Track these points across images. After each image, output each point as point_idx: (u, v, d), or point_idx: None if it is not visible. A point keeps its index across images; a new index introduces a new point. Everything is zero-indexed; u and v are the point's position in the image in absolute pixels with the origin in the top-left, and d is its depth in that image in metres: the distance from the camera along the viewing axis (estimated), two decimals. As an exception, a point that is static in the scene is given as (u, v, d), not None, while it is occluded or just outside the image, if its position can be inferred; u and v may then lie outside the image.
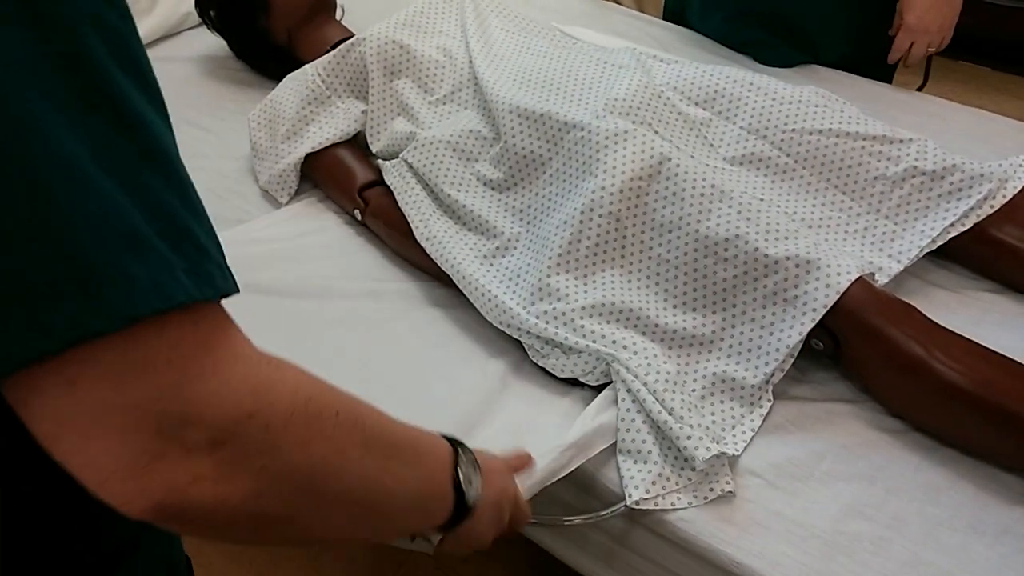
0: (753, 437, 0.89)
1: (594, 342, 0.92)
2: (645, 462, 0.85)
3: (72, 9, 0.33)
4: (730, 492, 0.84)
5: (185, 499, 0.35)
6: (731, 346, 0.94)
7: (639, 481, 0.84)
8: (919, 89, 1.45)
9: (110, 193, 0.33)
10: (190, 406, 0.35)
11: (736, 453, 0.87)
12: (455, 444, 0.59)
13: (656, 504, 0.83)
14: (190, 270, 0.35)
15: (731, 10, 1.44)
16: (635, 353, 0.92)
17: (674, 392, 0.89)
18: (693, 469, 0.84)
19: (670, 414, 0.86)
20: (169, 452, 0.34)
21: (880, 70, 1.42)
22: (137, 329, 0.33)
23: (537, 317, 0.96)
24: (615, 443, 0.88)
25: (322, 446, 0.41)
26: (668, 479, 0.84)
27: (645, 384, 0.88)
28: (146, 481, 0.34)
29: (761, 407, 0.91)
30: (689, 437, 0.84)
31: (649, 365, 0.91)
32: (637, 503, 0.83)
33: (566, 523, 0.88)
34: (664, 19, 1.60)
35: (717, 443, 0.86)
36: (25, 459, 0.38)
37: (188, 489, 0.35)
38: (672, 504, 0.83)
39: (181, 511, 0.35)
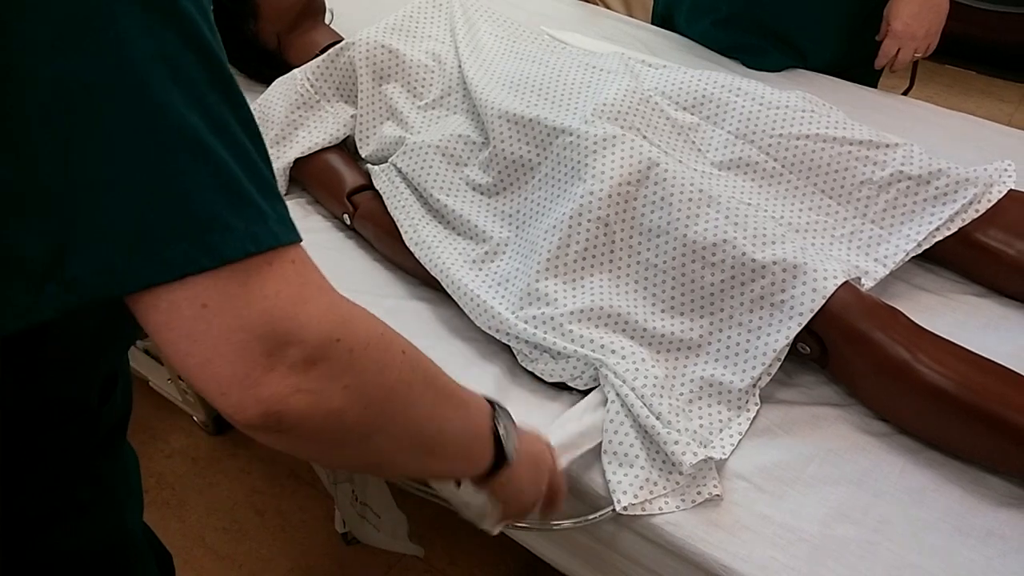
0: (740, 441, 0.89)
1: (582, 347, 0.93)
2: (632, 466, 0.85)
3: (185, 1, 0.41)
4: (717, 496, 0.84)
5: (286, 408, 0.42)
6: (718, 350, 0.95)
7: (626, 486, 0.84)
8: (905, 93, 1.46)
9: (224, 159, 0.41)
10: (292, 330, 0.41)
11: (723, 457, 0.87)
12: (492, 403, 0.64)
13: (644, 509, 0.83)
14: (280, 219, 0.43)
15: (719, 15, 1.44)
16: (623, 358, 0.92)
17: (661, 396, 0.89)
18: (680, 473, 0.85)
19: (657, 419, 0.86)
20: (276, 368, 0.41)
21: (867, 74, 1.44)
22: (253, 262, 0.41)
23: (526, 322, 0.96)
24: (601, 447, 0.88)
25: (392, 374, 0.48)
26: (655, 484, 0.84)
27: (633, 389, 0.89)
28: (257, 391, 0.41)
29: (748, 411, 0.91)
30: (676, 442, 0.84)
31: (637, 369, 0.91)
32: (625, 508, 0.83)
33: (555, 527, 0.89)
34: (652, 24, 1.60)
35: (704, 447, 0.86)
36: None
37: (289, 399, 0.42)
38: (660, 508, 0.84)
39: (281, 418, 0.42)
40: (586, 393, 0.94)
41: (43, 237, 0.39)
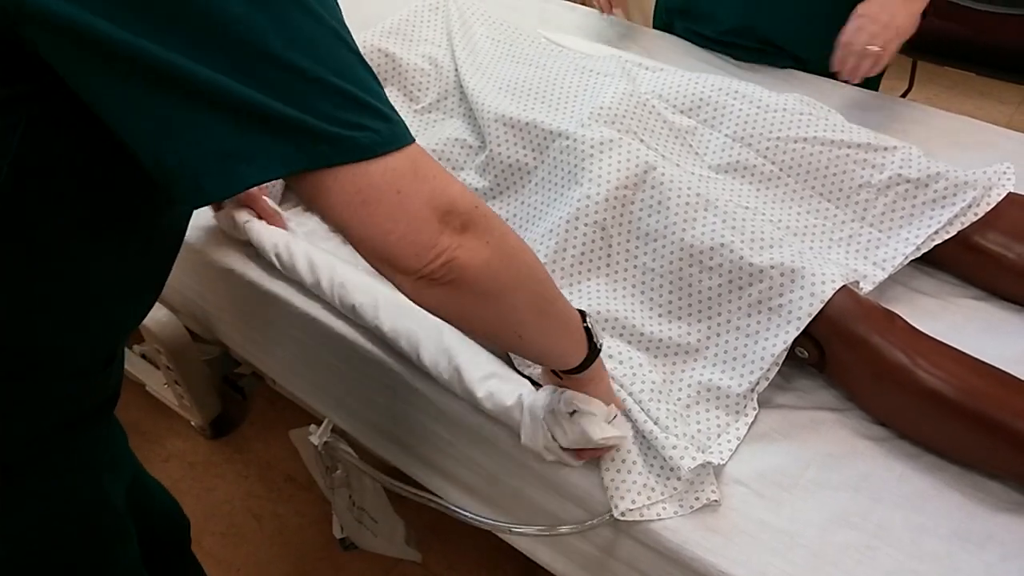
0: (738, 446, 0.89)
1: None
2: (630, 472, 0.84)
3: None
4: (715, 501, 0.84)
5: (454, 259, 0.55)
6: (716, 355, 0.94)
7: (624, 492, 0.84)
8: (904, 95, 1.46)
9: (365, 73, 0.52)
10: (449, 203, 0.54)
11: (721, 462, 0.87)
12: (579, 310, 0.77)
13: (642, 515, 0.83)
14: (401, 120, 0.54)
15: (716, 31, 1.44)
16: (620, 363, 0.92)
17: (659, 402, 0.89)
18: (679, 479, 0.84)
19: (655, 424, 0.86)
20: (445, 231, 0.54)
21: (867, 78, 1.43)
22: (414, 149, 0.53)
23: None
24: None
25: (518, 242, 0.62)
26: (653, 489, 0.84)
27: (631, 394, 0.88)
28: (437, 249, 0.54)
29: (746, 415, 0.91)
30: (674, 447, 0.84)
31: (634, 375, 0.91)
32: (623, 514, 0.83)
33: (553, 533, 0.88)
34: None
35: (702, 452, 0.86)
36: None
37: (456, 252, 0.55)
38: (657, 514, 0.83)
39: (452, 267, 0.55)
40: None
41: (288, 107, 0.48)
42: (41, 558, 0.68)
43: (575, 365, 0.76)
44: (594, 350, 0.76)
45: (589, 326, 0.75)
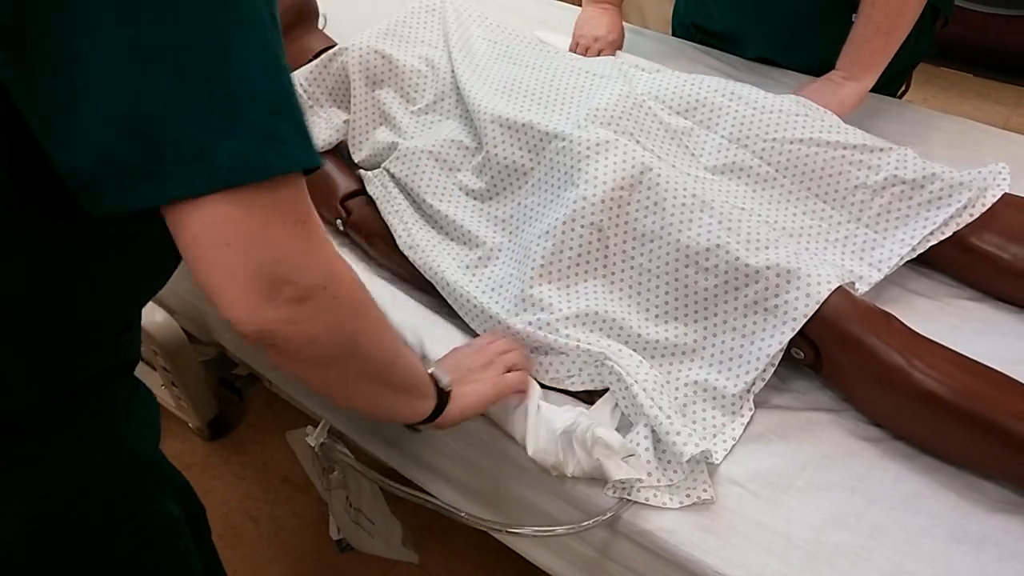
0: (734, 446, 0.89)
1: (579, 346, 0.93)
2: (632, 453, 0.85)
3: None
4: (708, 499, 0.84)
5: (275, 330, 0.54)
6: (712, 355, 0.95)
7: (618, 467, 0.85)
8: (901, 96, 1.46)
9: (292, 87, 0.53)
10: (292, 271, 0.53)
11: (717, 462, 0.87)
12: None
13: (629, 494, 0.84)
14: (305, 143, 0.53)
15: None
16: (622, 358, 0.92)
17: (661, 394, 0.89)
18: (675, 471, 0.85)
19: (660, 410, 0.86)
20: (275, 298, 0.52)
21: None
22: (279, 181, 0.51)
23: (522, 326, 0.96)
24: None
25: (364, 321, 0.62)
26: (650, 474, 0.85)
27: (636, 381, 0.89)
28: (257, 314, 0.52)
29: (742, 416, 0.91)
30: (678, 433, 0.84)
31: (638, 368, 0.91)
32: (612, 488, 0.84)
33: (549, 534, 0.88)
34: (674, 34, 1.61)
35: (705, 440, 0.87)
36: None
37: (279, 325, 0.54)
38: (646, 499, 0.84)
39: (271, 337, 0.54)
40: (579, 395, 0.94)
41: (194, 135, 0.48)
42: (68, 511, 0.69)
43: (423, 419, 0.80)
44: (443, 395, 0.80)
45: (433, 372, 0.79)
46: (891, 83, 1.42)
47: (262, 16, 0.50)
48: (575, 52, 1.41)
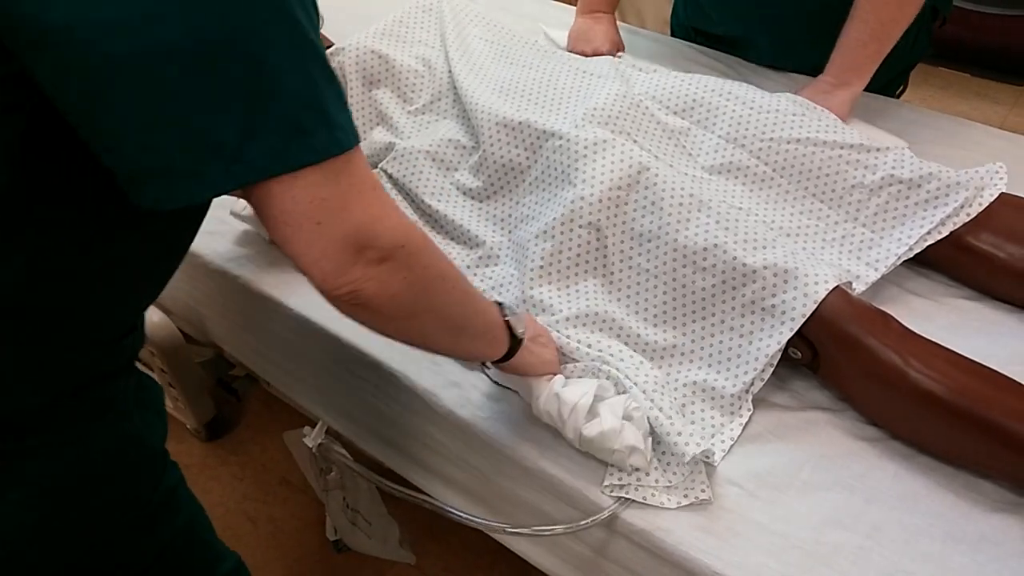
0: (732, 446, 0.89)
1: (579, 348, 0.93)
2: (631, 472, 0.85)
3: None
4: (706, 499, 0.84)
5: (362, 289, 0.58)
6: (711, 355, 0.94)
7: (616, 469, 0.85)
8: (898, 95, 1.46)
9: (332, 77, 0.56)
10: (368, 238, 0.57)
11: (716, 463, 0.87)
12: (499, 303, 0.82)
13: (627, 493, 0.84)
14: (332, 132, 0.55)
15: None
16: (621, 360, 0.92)
17: (662, 394, 0.89)
18: (674, 473, 0.85)
19: (660, 411, 0.86)
20: (358, 262, 0.57)
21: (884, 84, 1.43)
22: (353, 170, 0.56)
23: None
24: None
25: (436, 271, 0.65)
26: (647, 474, 0.85)
27: (636, 384, 0.89)
28: (345, 277, 0.57)
29: (741, 416, 0.91)
30: (680, 433, 0.84)
31: (637, 369, 0.91)
32: (611, 489, 0.85)
33: (546, 533, 0.88)
34: (673, 35, 1.60)
35: (706, 439, 0.87)
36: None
37: (364, 284, 0.58)
38: (644, 499, 0.84)
39: (357, 296, 0.59)
40: None
41: (235, 128, 0.51)
42: (73, 507, 0.70)
43: (496, 359, 0.83)
44: (516, 341, 0.82)
45: (508, 319, 0.81)
46: (891, 85, 1.42)
47: (292, 13, 0.52)
48: None
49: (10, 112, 0.52)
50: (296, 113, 0.53)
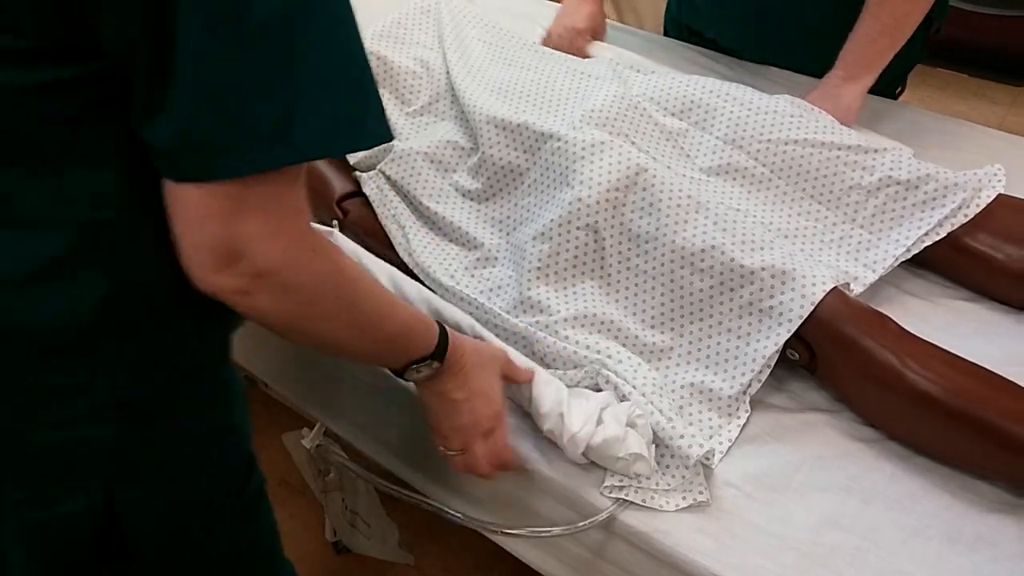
0: (730, 448, 0.89)
1: (577, 351, 0.93)
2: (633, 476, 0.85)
3: None
4: (704, 501, 0.84)
5: (230, 297, 0.59)
6: (708, 356, 0.95)
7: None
8: (897, 96, 1.46)
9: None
10: (257, 255, 0.57)
11: (714, 465, 0.87)
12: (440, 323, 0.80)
13: (626, 495, 0.84)
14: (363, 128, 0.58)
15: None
16: (620, 362, 0.92)
17: (661, 396, 0.89)
18: (672, 476, 0.85)
19: (661, 414, 0.87)
20: (232, 270, 0.57)
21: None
22: (268, 184, 0.56)
23: (523, 327, 0.96)
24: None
25: (316, 308, 0.64)
26: (648, 477, 0.85)
27: (635, 387, 0.89)
28: (214, 278, 0.57)
29: (738, 418, 0.91)
30: (682, 436, 0.85)
31: (636, 372, 0.91)
32: (610, 490, 0.85)
33: (544, 535, 0.88)
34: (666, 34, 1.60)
35: (710, 439, 0.88)
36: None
37: (233, 293, 0.58)
38: (642, 501, 0.84)
39: (229, 301, 0.59)
40: None
41: (274, 112, 0.53)
42: (196, 489, 0.74)
43: (422, 357, 0.77)
44: (443, 335, 0.78)
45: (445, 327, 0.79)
46: (887, 89, 1.42)
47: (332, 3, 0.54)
48: (548, 46, 1.38)
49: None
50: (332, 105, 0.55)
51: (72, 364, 0.61)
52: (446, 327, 0.79)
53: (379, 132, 0.59)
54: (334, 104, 0.55)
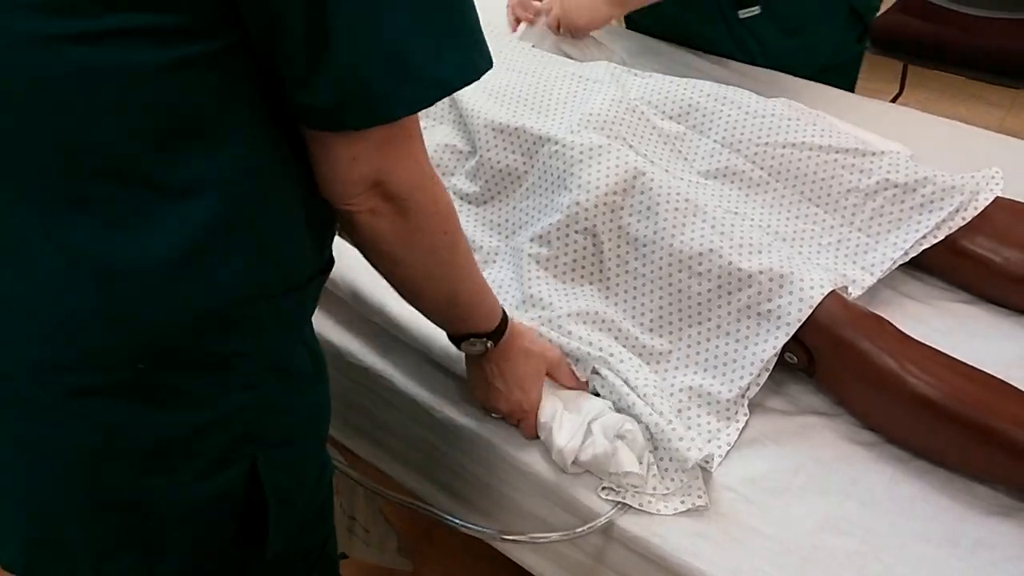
0: (729, 451, 0.89)
1: (579, 347, 0.93)
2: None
3: None
4: (702, 505, 0.84)
5: (359, 215, 0.65)
6: (707, 359, 0.94)
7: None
8: (895, 99, 1.46)
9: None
10: (394, 182, 0.64)
11: (712, 468, 0.87)
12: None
13: (623, 499, 0.84)
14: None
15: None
16: (621, 361, 0.93)
17: (661, 398, 0.89)
18: (671, 479, 0.85)
19: (660, 415, 0.86)
20: (370, 193, 0.63)
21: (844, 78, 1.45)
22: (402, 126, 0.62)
23: (528, 321, 0.96)
24: None
25: (426, 239, 0.70)
26: (646, 482, 0.85)
27: (634, 388, 0.89)
28: (352, 200, 0.64)
29: (737, 421, 0.91)
30: (681, 439, 0.85)
31: (636, 373, 0.91)
32: (606, 492, 0.85)
33: (543, 540, 0.88)
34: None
35: (710, 442, 0.88)
36: None
37: (364, 212, 0.65)
38: (641, 505, 0.84)
39: (355, 219, 0.65)
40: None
41: (429, 48, 0.57)
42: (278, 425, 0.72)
43: (484, 332, 0.83)
44: (504, 320, 0.84)
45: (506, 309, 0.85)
46: (825, 73, 1.43)
47: None
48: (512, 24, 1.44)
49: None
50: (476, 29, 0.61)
51: (233, 333, 0.64)
52: (508, 313, 0.85)
53: (489, 57, 0.62)
54: (462, 34, 0.60)
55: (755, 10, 1.36)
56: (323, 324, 1.06)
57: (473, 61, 0.60)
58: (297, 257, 0.68)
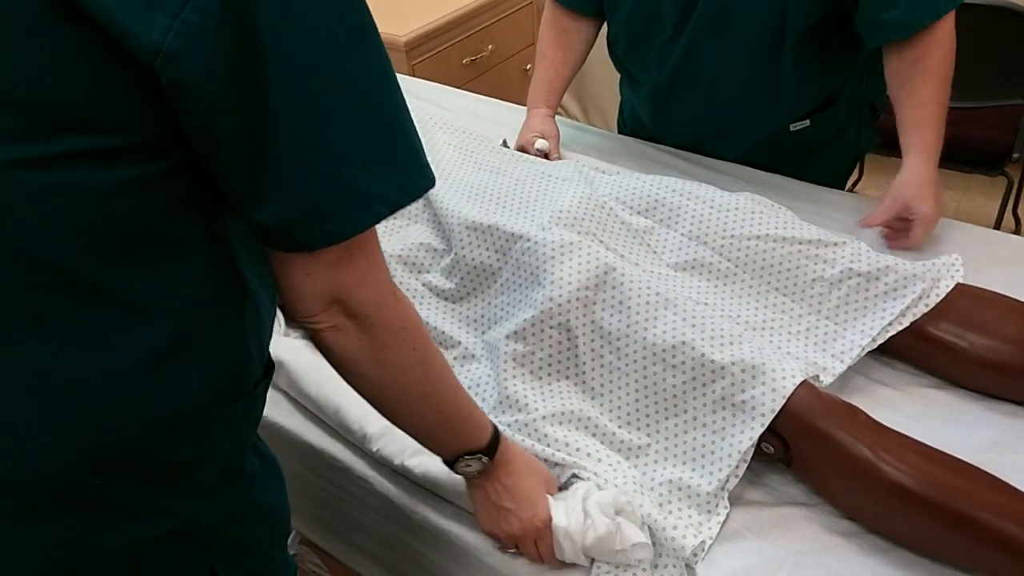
0: (711, 545, 0.88)
1: (558, 451, 0.92)
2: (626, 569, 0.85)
3: None
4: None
5: (323, 333, 0.65)
6: (685, 452, 0.95)
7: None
8: (853, 186, 1.51)
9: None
10: (355, 299, 0.64)
11: (695, 564, 0.86)
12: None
13: None
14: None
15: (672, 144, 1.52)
16: (599, 460, 0.92)
17: (643, 494, 0.89)
18: (667, 566, 0.85)
19: (642, 508, 0.86)
20: (330, 311, 0.64)
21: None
22: (361, 242, 0.63)
23: (506, 427, 0.96)
24: None
25: (397, 355, 0.69)
26: (646, 568, 0.84)
27: (616, 486, 0.88)
28: (313, 319, 0.64)
29: (718, 514, 0.90)
30: (675, 527, 0.84)
31: (615, 470, 0.91)
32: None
33: None
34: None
35: (703, 525, 0.88)
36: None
37: (326, 329, 0.65)
38: None
39: (319, 336, 0.65)
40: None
41: (369, 169, 0.59)
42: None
43: (475, 449, 0.81)
44: (496, 435, 0.82)
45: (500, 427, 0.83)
46: (841, 177, 1.48)
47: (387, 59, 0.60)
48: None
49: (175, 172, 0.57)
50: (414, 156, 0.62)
51: (192, 438, 0.64)
52: (499, 428, 0.83)
53: (431, 174, 0.64)
54: (405, 152, 0.61)
55: (805, 123, 1.38)
56: (296, 423, 1.05)
57: (413, 180, 0.62)
58: (247, 365, 0.68)
